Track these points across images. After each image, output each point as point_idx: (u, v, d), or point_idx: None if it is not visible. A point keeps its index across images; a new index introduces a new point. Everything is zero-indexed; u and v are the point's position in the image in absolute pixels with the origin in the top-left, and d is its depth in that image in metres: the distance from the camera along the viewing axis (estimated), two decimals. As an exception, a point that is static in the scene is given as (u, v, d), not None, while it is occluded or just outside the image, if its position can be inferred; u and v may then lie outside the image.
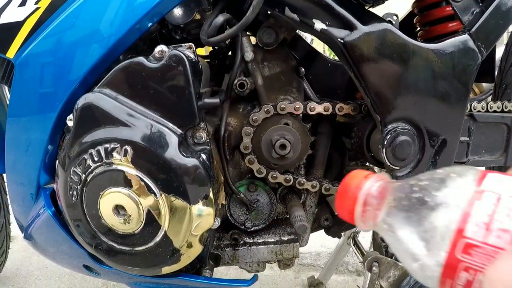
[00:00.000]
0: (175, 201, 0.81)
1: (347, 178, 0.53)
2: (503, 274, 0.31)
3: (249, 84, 1.01)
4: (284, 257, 1.12)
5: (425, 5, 1.04)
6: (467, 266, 0.36)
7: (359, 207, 0.50)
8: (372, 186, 0.50)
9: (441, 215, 0.39)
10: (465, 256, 0.36)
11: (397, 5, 1.39)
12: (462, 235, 0.36)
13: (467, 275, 0.36)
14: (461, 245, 0.36)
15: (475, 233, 0.36)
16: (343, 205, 0.52)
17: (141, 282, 1.05)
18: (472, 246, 0.36)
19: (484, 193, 0.37)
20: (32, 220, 1.00)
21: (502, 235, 0.35)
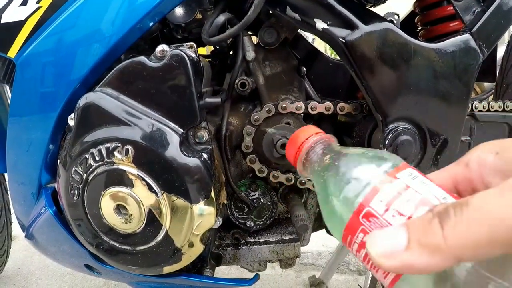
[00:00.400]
0: (176, 201, 0.81)
1: (301, 129, 0.65)
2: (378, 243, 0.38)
3: (250, 84, 1.01)
4: (285, 256, 1.12)
5: (426, 5, 1.04)
6: (364, 229, 0.44)
7: (302, 156, 0.61)
8: (317, 142, 0.61)
9: (357, 185, 0.46)
10: (365, 220, 0.43)
11: (399, 5, 1.39)
12: (368, 204, 0.43)
13: (363, 236, 0.44)
14: (364, 212, 0.44)
15: (377, 206, 0.43)
16: (290, 150, 0.63)
17: (142, 282, 1.06)
18: (371, 215, 0.43)
19: (397, 180, 0.44)
20: (34, 219, 1.00)
21: (396, 215, 0.41)
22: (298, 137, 0.63)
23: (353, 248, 0.47)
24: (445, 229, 0.33)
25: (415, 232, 0.35)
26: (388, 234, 0.37)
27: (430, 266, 0.34)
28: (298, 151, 0.62)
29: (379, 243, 0.37)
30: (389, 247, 0.36)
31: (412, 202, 0.41)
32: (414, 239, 0.35)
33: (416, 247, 0.34)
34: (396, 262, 0.35)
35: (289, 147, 0.64)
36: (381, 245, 0.37)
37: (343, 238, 0.48)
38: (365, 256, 0.45)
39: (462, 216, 0.32)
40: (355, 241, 0.45)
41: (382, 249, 0.36)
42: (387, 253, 0.36)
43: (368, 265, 0.45)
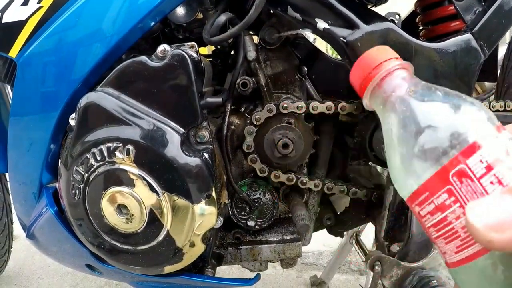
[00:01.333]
0: (177, 200, 0.81)
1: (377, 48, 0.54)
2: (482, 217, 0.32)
3: (251, 83, 1.01)
4: (286, 256, 1.12)
5: (427, 4, 1.04)
6: (451, 190, 0.37)
7: (375, 81, 0.51)
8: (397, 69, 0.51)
9: (453, 132, 0.39)
10: (455, 179, 0.37)
11: (400, 4, 1.39)
12: (465, 162, 0.37)
13: (447, 198, 0.37)
14: (457, 169, 0.37)
15: (476, 166, 0.36)
16: (359, 72, 0.53)
17: (143, 281, 1.06)
18: (466, 176, 0.37)
19: (500, 140, 0.38)
20: (35, 219, 1.00)
21: (495, 182, 0.35)
22: (373, 57, 0.53)
23: (423, 209, 0.41)
24: None
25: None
26: (496, 201, 0.32)
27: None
28: (370, 73, 0.52)
29: (484, 211, 0.32)
30: (499, 216, 0.31)
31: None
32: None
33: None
34: (510, 234, 0.30)
35: (358, 68, 0.54)
36: (488, 214, 0.32)
37: (413, 194, 0.41)
38: (440, 221, 0.39)
39: None
40: (433, 202, 0.39)
41: (490, 219, 0.31)
42: (497, 225, 0.31)
43: (438, 233, 0.39)
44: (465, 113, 0.40)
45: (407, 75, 0.50)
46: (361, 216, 1.19)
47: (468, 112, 0.41)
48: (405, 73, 0.51)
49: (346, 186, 1.07)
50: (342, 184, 1.08)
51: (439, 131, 0.40)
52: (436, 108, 0.42)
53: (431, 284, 0.96)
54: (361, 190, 1.08)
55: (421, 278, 0.98)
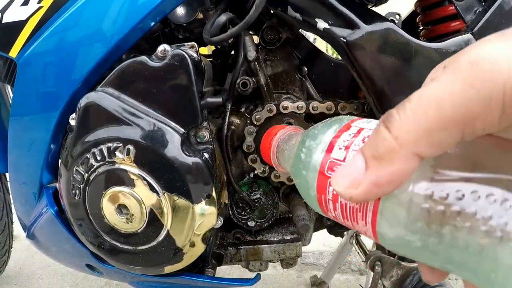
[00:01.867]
0: (177, 200, 0.81)
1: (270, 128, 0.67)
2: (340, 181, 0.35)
3: (251, 83, 1.01)
4: (286, 256, 1.12)
5: (427, 4, 1.04)
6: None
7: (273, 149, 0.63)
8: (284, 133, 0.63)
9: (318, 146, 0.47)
10: (330, 173, 0.43)
11: (400, 4, 1.38)
12: (329, 157, 0.44)
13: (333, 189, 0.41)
14: (328, 164, 0.44)
15: (338, 154, 0.43)
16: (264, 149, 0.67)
17: (143, 281, 1.06)
18: (336, 164, 0.43)
19: (351, 127, 0.44)
20: (35, 219, 1.00)
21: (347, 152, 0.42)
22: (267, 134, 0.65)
23: (329, 208, 0.46)
24: (392, 130, 0.30)
25: (368, 150, 0.33)
26: (347, 166, 0.35)
27: (395, 175, 0.31)
28: (269, 145, 0.63)
29: (341, 178, 0.35)
30: (351, 176, 0.34)
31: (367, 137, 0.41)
32: (369, 156, 0.33)
33: (373, 164, 0.32)
34: (363, 187, 0.33)
35: (262, 147, 0.65)
36: (344, 178, 0.34)
37: (318, 203, 0.47)
38: (341, 209, 0.43)
39: (405, 111, 0.30)
40: (329, 198, 0.44)
41: (346, 181, 0.34)
42: (351, 183, 0.34)
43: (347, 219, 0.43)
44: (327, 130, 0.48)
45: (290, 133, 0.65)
46: (361, 216, 1.19)
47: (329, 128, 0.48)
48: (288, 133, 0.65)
49: (346, 186, 1.07)
50: (342, 184, 1.08)
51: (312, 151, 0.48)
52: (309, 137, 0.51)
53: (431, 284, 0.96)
54: (361, 190, 1.08)
55: (421, 278, 0.98)
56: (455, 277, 1.98)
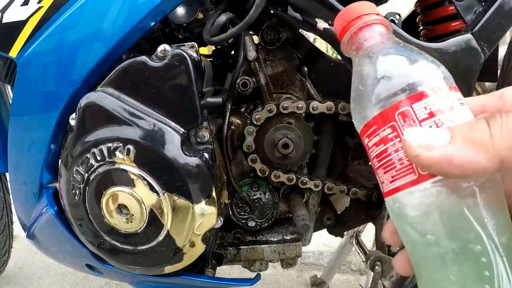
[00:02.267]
0: (177, 200, 0.81)
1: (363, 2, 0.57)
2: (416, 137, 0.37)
3: (251, 83, 1.01)
4: (286, 256, 1.12)
5: (427, 4, 1.04)
6: (394, 126, 0.43)
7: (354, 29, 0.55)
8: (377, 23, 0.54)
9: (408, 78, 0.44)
10: (400, 118, 0.42)
11: (400, 4, 1.38)
12: (410, 104, 0.42)
13: (390, 132, 0.43)
14: (403, 109, 0.42)
15: (420, 111, 0.41)
16: (344, 20, 0.56)
17: (143, 281, 1.06)
18: (409, 117, 0.41)
19: (448, 96, 0.42)
20: (35, 219, 1.00)
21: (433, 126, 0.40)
22: (356, 9, 0.57)
23: (371, 141, 0.46)
24: (492, 127, 0.32)
25: (460, 130, 0.34)
26: (429, 130, 0.37)
27: (473, 164, 0.33)
28: (350, 23, 0.56)
29: (419, 135, 0.36)
30: (430, 139, 0.35)
31: (454, 123, 0.39)
32: (458, 135, 0.34)
33: (460, 141, 0.34)
34: (436, 154, 0.34)
35: (340, 17, 0.58)
36: (422, 136, 0.36)
37: (364, 126, 0.47)
38: (381, 152, 0.44)
39: (508, 119, 0.32)
40: (379, 134, 0.44)
41: (422, 140, 0.35)
42: (427, 145, 0.35)
43: (379, 163, 0.45)
44: (421, 67, 0.45)
45: (383, 31, 0.54)
46: (361, 216, 1.19)
47: (425, 66, 0.45)
48: (381, 29, 0.54)
49: (346, 186, 1.07)
50: (342, 184, 1.08)
51: (393, 80, 0.45)
52: (395, 60, 0.48)
53: (431, 284, 0.95)
54: (361, 190, 1.08)
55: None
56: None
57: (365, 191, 1.08)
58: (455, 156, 0.33)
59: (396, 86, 0.44)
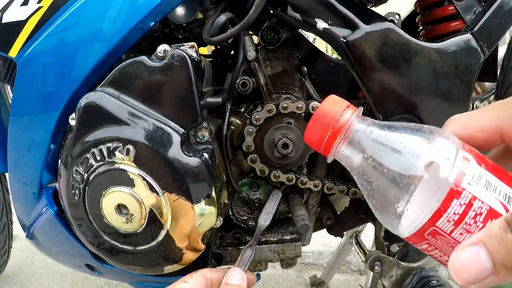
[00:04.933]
0: (177, 200, 0.81)
1: (328, 102, 0.52)
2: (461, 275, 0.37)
3: (251, 83, 1.01)
4: (286, 256, 1.12)
5: (427, 4, 1.04)
6: (429, 243, 0.43)
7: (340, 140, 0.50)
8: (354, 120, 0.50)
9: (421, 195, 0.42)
10: (430, 237, 0.42)
11: (400, 4, 1.38)
12: (434, 224, 0.41)
13: (427, 247, 0.44)
14: (430, 231, 0.42)
15: (444, 226, 0.41)
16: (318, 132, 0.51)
17: (143, 281, 1.06)
18: (438, 234, 0.41)
19: (461, 194, 0.41)
20: (35, 219, 1.00)
21: (464, 233, 0.41)
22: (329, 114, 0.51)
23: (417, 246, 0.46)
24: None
25: (497, 254, 0.35)
26: (470, 260, 0.37)
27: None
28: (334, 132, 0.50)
29: (463, 270, 0.37)
30: (474, 274, 0.36)
31: (478, 217, 0.40)
32: (499, 262, 0.35)
33: (503, 271, 0.35)
34: (488, 282, 0.36)
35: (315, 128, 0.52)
36: (467, 273, 0.37)
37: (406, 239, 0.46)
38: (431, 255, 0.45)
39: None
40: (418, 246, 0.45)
41: (469, 277, 0.36)
42: (476, 279, 0.36)
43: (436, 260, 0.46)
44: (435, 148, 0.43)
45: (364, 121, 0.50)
46: (361, 216, 1.19)
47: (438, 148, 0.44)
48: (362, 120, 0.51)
49: (346, 186, 1.07)
50: (342, 184, 1.08)
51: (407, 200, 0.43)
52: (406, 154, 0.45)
53: (431, 284, 0.96)
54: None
55: (421, 278, 0.98)
56: (455, 277, 1.98)
57: (365, 191, 1.08)
58: (499, 283, 0.36)
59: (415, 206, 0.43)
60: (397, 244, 1.04)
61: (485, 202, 0.40)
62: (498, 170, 0.43)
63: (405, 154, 0.44)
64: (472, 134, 0.45)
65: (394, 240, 1.05)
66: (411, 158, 0.44)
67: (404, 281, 1.01)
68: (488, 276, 0.35)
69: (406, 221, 0.43)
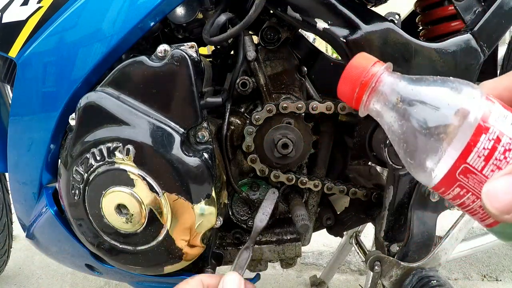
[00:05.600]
0: (177, 200, 0.81)
1: (359, 56, 0.57)
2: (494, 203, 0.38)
3: (251, 83, 1.01)
4: (286, 256, 1.12)
5: (427, 4, 1.04)
6: (461, 185, 0.44)
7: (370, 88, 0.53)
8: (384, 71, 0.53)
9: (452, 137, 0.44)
10: (461, 177, 0.43)
11: (400, 4, 1.38)
12: (465, 161, 0.43)
13: (459, 190, 0.45)
14: (462, 169, 0.43)
15: (475, 162, 0.42)
16: (349, 81, 0.55)
17: (143, 281, 1.06)
18: (470, 172, 0.43)
19: (489, 129, 0.42)
20: (34, 219, 1.00)
21: (496, 170, 0.42)
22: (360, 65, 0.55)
23: (446, 196, 0.47)
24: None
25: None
26: (503, 187, 0.38)
27: None
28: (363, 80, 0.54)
29: (495, 200, 0.38)
30: (508, 202, 0.37)
31: (508, 153, 0.41)
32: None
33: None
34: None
35: (347, 79, 0.56)
36: (500, 202, 0.38)
37: (433, 188, 0.48)
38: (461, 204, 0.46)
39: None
40: (450, 193, 0.46)
41: (502, 206, 0.37)
42: (509, 209, 0.37)
43: (464, 210, 0.47)
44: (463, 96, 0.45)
45: (393, 74, 0.53)
46: (361, 216, 1.19)
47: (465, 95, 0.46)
48: (391, 73, 0.54)
49: (345, 186, 1.07)
50: (342, 184, 1.08)
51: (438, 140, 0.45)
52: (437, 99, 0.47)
53: (431, 284, 0.96)
54: (360, 190, 1.08)
55: (421, 278, 0.98)
56: (455, 277, 1.99)
57: (365, 191, 1.08)
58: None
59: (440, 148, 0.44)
60: (397, 244, 1.04)
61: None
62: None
63: (434, 103, 0.46)
64: (499, 93, 0.47)
65: (394, 240, 1.05)
66: (441, 106, 0.45)
67: (404, 281, 1.01)
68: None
69: (439, 164, 0.45)
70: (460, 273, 2.02)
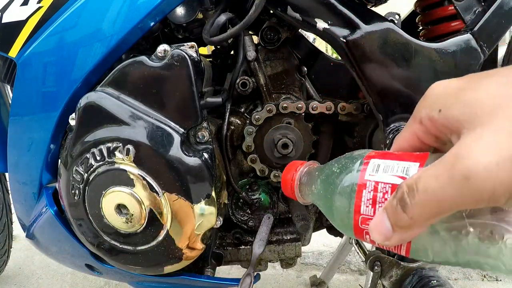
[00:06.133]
0: (177, 200, 0.81)
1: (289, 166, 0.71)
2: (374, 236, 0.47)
3: (251, 83, 1.01)
4: (286, 256, 1.12)
5: (427, 4, 1.04)
6: (366, 231, 0.51)
7: (296, 187, 0.68)
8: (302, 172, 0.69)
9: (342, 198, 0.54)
10: (365, 226, 0.51)
11: (400, 4, 1.38)
12: (360, 214, 0.51)
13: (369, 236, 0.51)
14: (361, 220, 0.51)
15: (366, 211, 0.50)
16: (286, 184, 0.70)
17: (143, 281, 1.06)
18: (367, 219, 0.50)
19: (367, 182, 0.50)
20: (34, 219, 1.00)
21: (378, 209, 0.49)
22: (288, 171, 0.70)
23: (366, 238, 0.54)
24: (407, 213, 0.42)
25: (392, 218, 0.44)
26: (378, 226, 0.46)
27: (414, 234, 0.44)
28: (292, 182, 0.69)
29: (376, 234, 0.46)
30: (383, 234, 0.45)
31: (386, 194, 0.48)
32: (393, 224, 0.44)
33: (398, 229, 0.44)
34: (394, 239, 0.45)
35: (284, 183, 0.70)
36: (379, 235, 0.46)
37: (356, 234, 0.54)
38: None
39: (415, 202, 0.41)
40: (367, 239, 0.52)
41: (381, 237, 0.45)
42: (385, 238, 0.45)
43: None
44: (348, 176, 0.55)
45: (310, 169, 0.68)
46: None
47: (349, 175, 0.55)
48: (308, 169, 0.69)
49: (346, 186, 1.07)
50: (342, 184, 1.08)
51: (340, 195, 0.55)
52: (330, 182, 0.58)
53: (431, 284, 0.96)
54: (361, 190, 1.08)
55: (421, 278, 0.98)
56: (455, 277, 1.98)
57: (365, 191, 1.08)
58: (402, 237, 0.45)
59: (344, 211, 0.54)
60: (397, 244, 1.04)
61: (386, 182, 0.49)
62: (398, 154, 0.52)
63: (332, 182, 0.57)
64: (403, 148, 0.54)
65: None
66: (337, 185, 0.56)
67: (404, 281, 1.01)
68: (393, 235, 0.44)
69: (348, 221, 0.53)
70: (460, 273, 2.02)
